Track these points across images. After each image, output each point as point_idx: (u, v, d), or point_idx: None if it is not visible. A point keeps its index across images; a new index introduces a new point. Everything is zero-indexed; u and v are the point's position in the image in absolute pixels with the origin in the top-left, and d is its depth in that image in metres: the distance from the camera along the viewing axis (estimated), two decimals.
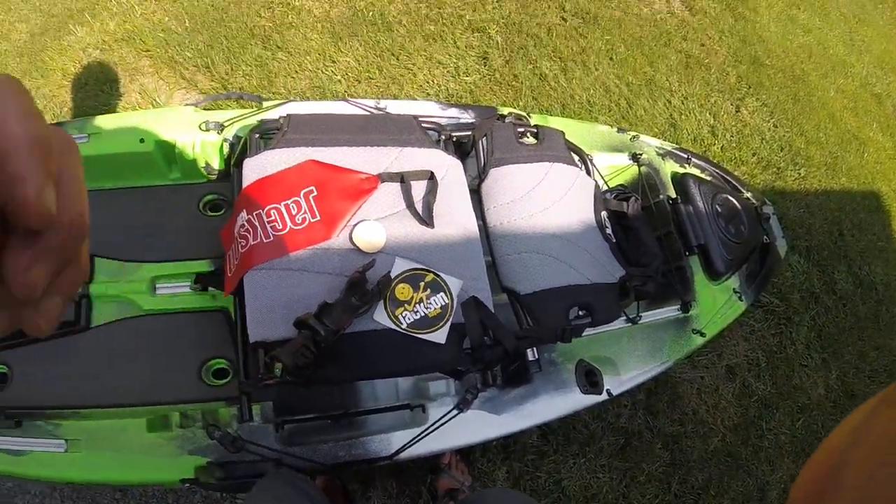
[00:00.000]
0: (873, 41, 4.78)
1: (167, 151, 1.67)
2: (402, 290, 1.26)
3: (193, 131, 1.65)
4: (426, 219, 1.34)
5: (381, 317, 1.22)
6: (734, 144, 3.28)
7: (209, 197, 1.74)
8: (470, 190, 1.49)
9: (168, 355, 1.52)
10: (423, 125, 1.53)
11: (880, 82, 4.50)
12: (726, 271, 1.91)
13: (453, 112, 1.78)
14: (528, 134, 1.72)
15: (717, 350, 2.66)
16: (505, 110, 1.83)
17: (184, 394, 1.48)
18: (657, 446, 2.34)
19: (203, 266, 1.60)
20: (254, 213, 1.27)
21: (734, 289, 1.97)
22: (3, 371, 1.46)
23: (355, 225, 1.29)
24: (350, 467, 1.36)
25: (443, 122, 1.67)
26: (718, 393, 2.58)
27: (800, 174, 3.45)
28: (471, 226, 1.42)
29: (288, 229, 1.26)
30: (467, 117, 1.77)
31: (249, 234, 1.26)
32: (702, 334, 1.82)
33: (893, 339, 3.33)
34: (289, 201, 1.29)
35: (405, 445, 1.36)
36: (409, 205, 1.36)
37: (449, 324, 1.26)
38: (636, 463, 2.28)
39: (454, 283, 1.29)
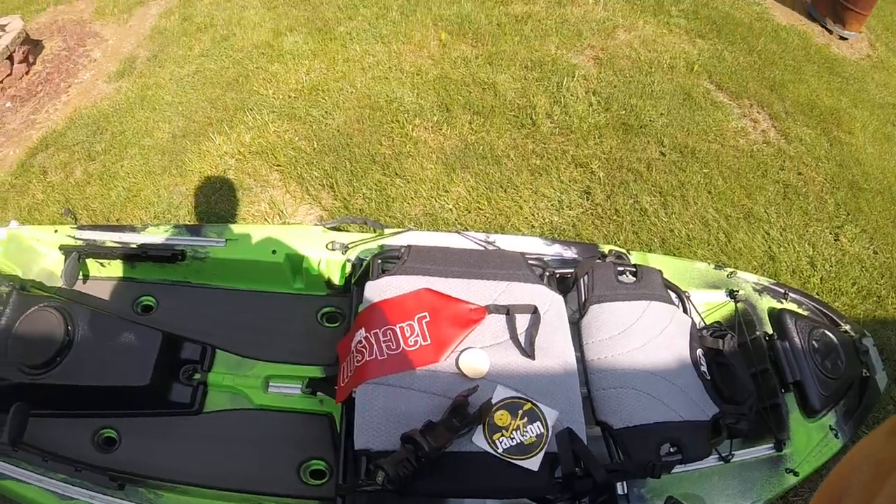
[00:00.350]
0: None
1: (295, 264, 1.91)
2: (501, 417, 1.36)
3: (320, 249, 1.88)
4: (528, 351, 1.46)
5: (479, 440, 1.33)
6: (833, 275, 3.18)
7: (327, 309, 1.95)
8: (570, 323, 1.60)
9: (271, 449, 1.68)
10: (529, 261, 1.68)
11: None
12: (822, 408, 1.86)
13: (557, 248, 1.92)
14: (628, 272, 1.81)
15: (811, 487, 2.50)
16: (606, 248, 1.95)
17: (280, 488, 1.62)
18: None
19: (315, 372, 1.79)
20: (371, 332, 1.44)
21: (830, 426, 1.89)
22: (112, 436, 1.66)
23: (462, 351, 1.44)
24: None
25: (547, 258, 1.81)
26: None
27: None
28: (570, 359, 1.52)
29: (401, 350, 1.42)
30: (570, 253, 1.91)
31: (366, 350, 1.42)
32: (795, 473, 1.77)
33: None
34: (404, 324, 1.46)
35: None
36: (513, 336, 1.49)
37: (543, 452, 1.34)
38: None
39: (551, 414, 1.39)
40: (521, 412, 1.38)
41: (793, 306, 2.10)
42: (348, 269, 1.90)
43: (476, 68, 3.96)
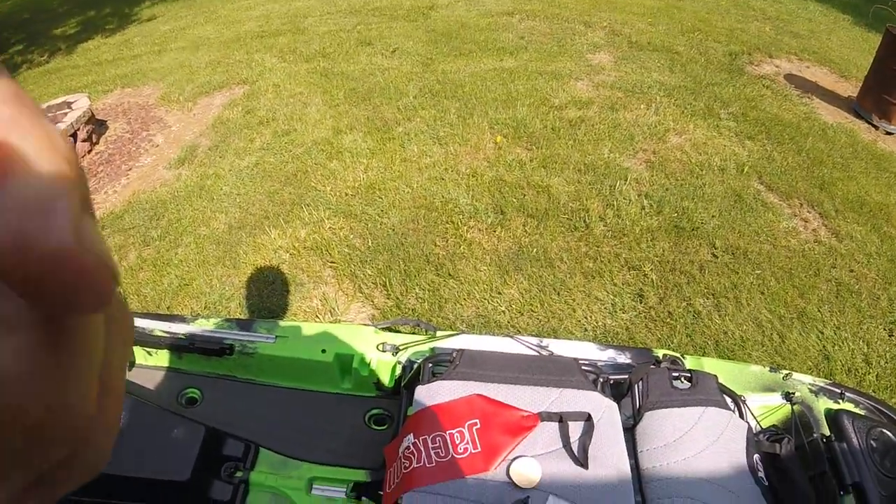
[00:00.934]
0: None
1: (344, 364, 1.92)
2: None
3: (371, 349, 1.89)
4: (581, 460, 1.45)
5: None
6: (889, 371, 3.13)
7: (375, 411, 1.94)
8: (624, 430, 1.58)
9: None
10: (583, 367, 1.69)
11: None
12: None
13: (610, 353, 1.92)
14: (683, 378, 1.80)
15: None
16: (660, 352, 1.94)
17: None
18: None
19: (360, 475, 1.76)
20: (420, 438, 1.45)
21: None
22: None
23: (513, 460, 1.43)
24: None
25: (600, 363, 1.81)
26: None
27: None
28: (624, 468, 1.50)
29: (450, 457, 1.41)
30: (624, 358, 1.90)
31: (414, 456, 1.42)
32: None
33: None
34: (454, 430, 1.46)
35: None
36: (566, 444, 1.48)
37: None
38: None
39: None
40: None
41: (850, 406, 2.04)
42: (398, 371, 1.91)
43: (530, 171, 4.09)
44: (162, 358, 1.98)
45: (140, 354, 1.99)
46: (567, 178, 4.02)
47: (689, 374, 1.81)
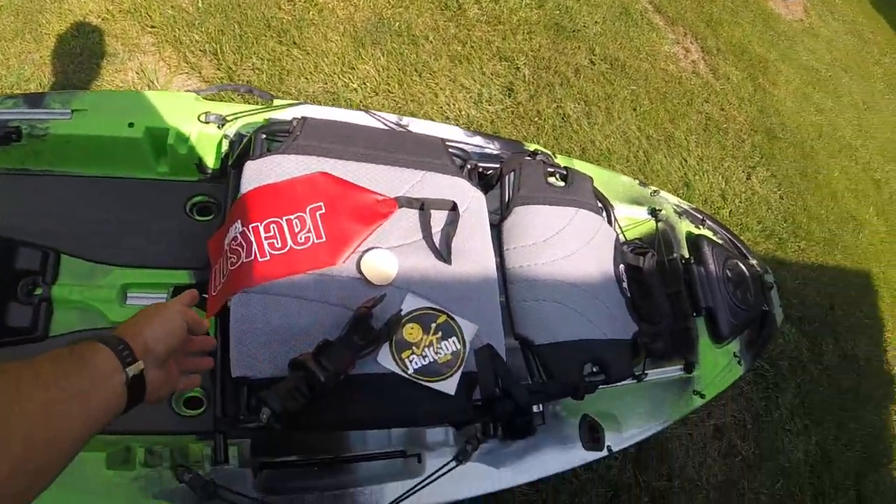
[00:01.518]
0: (879, 129, 5.08)
1: (158, 141, 1.49)
2: (411, 331, 1.14)
3: (191, 122, 1.48)
4: (443, 254, 1.23)
5: (385, 360, 1.10)
6: (742, 210, 3.37)
7: (198, 198, 1.55)
8: (490, 225, 1.39)
9: None
10: (449, 150, 1.42)
11: (881, 169, 4.76)
12: (730, 335, 1.88)
13: (478, 141, 1.67)
14: (557, 175, 1.64)
15: (705, 409, 2.66)
16: (531, 146, 1.74)
17: (150, 423, 1.29)
18: (644, 500, 2.30)
19: (183, 277, 1.43)
20: (250, 226, 1.13)
21: (735, 353, 1.94)
22: None
23: (365, 252, 1.17)
24: None
25: (468, 149, 1.56)
26: (705, 451, 2.59)
27: (799, 247, 3.56)
28: (489, 265, 1.32)
29: (288, 248, 1.12)
30: (492, 148, 1.67)
31: (242, 249, 1.12)
32: (701, 396, 1.79)
33: (869, 411, 3.45)
34: (292, 216, 1.16)
35: (398, 499, 1.22)
36: (426, 235, 1.24)
37: (460, 373, 1.14)
38: None
39: (468, 328, 1.19)
40: (434, 325, 1.16)
41: (709, 234, 2.09)
42: (225, 147, 1.52)
43: None
44: None
45: None
46: None
47: (564, 172, 1.64)
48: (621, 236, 1.77)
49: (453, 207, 1.29)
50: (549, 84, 3.11)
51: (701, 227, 2.07)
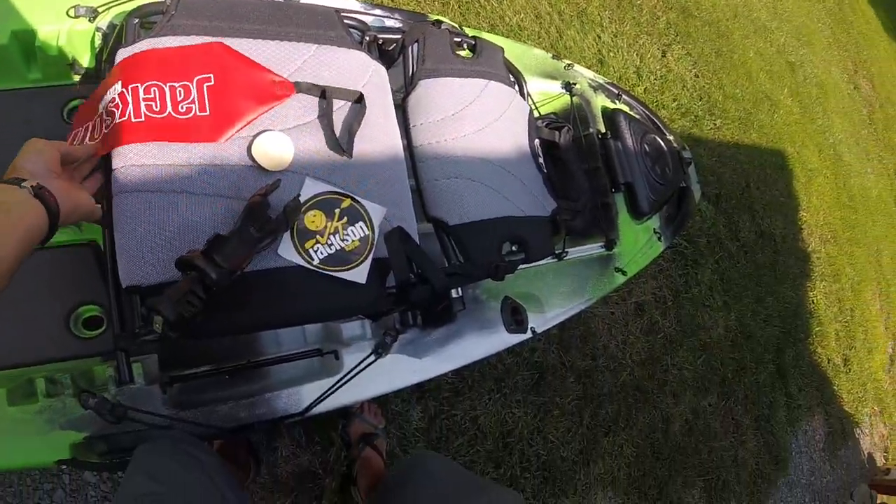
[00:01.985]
0: (794, 13, 5.17)
1: (26, 44, 1.28)
2: (313, 219, 1.04)
3: (59, 18, 1.27)
4: (344, 146, 1.12)
5: (287, 252, 1.00)
6: (657, 88, 3.33)
7: (76, 102, 1.36)
8: (394, 104, 1.28)
9: (26, 303, 1.19)
10: (345, 21, 1.28)
11: (795, 52, 4.87)
12: (650, 211, 1.87)
13: (378, 13, 1.52)
14: (465, 45, 1.52)
15: (627, 287, 2.69)
16: (436, 18, 1.61)
17: (49, 350, 1.18)
18: (570, 380, 2.34)
19: None
20: (130, 87, 0.99)
21: (655, 229, 1.94)
22: None
23: (256, 135, 1.05)
24: (255, 429, 1.15)
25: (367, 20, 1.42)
26: (628, 329, 2.64)
27: (715, 125, 3.60)
28: (395, 144, 1.22)
29: (166, 114, 0.99)
30: (394, 21, 1.52)
31: (118, 110, 0.98)
32: (623, 272, 1.78)
33: (787, 287, 3.62)
34: (177, 84, 1.02)
35: (317, 400, 1.16)
36: (327, 125, 1.12)
37: (370, 259, 1.07)
38: (550, 397, 2.27)
39: (376, 211, 1.10)
40: (338, 211, 1.06)
41: (625, 108, 2.03)
42: (99, 42, 1.31)
43: None
44: None
45: None
46: None
47: (473, 42, 1.53)
48: (535, 111, 1.69)
49: (359, 99, 1.17)
50: None
51: (617, 101, 2.01)
